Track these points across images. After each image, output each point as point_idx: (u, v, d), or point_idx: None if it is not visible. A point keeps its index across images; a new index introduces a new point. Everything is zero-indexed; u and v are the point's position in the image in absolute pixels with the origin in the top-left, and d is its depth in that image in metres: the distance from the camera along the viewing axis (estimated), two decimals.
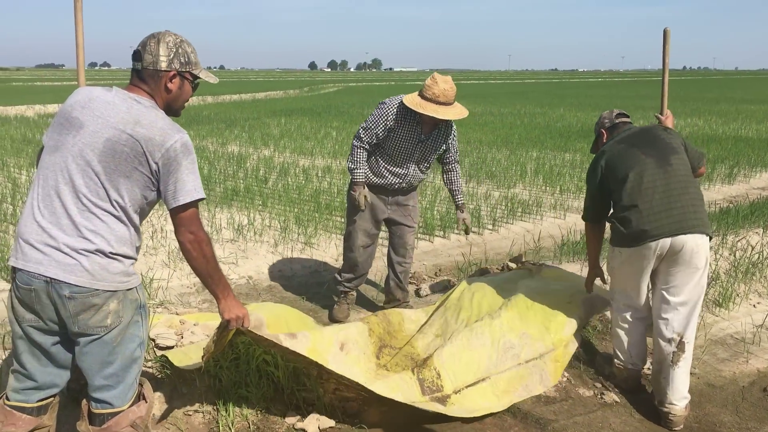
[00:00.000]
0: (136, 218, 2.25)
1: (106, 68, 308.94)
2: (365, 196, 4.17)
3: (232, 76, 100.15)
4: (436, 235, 6.56)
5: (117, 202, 2.17)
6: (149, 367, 3.32)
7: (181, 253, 2.49)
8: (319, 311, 4.62)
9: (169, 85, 2.30)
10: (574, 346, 3.63)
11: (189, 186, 2.23)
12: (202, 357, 2.76)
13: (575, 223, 7.05)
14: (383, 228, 4.52)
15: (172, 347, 3.49)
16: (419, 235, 6.50)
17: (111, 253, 2.16)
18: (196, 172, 2.26)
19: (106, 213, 2.16)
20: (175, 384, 3.24)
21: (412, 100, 3.95)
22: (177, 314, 4.12)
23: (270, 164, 10.61)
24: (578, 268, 5.01)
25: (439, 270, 5.56)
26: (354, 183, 4.21)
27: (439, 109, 3.90)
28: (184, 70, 2.32)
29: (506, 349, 3.45)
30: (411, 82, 67.12)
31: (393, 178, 4.19)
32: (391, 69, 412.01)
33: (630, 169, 3.26)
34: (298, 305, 4.71)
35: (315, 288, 5.11)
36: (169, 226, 6.11)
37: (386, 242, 4.60)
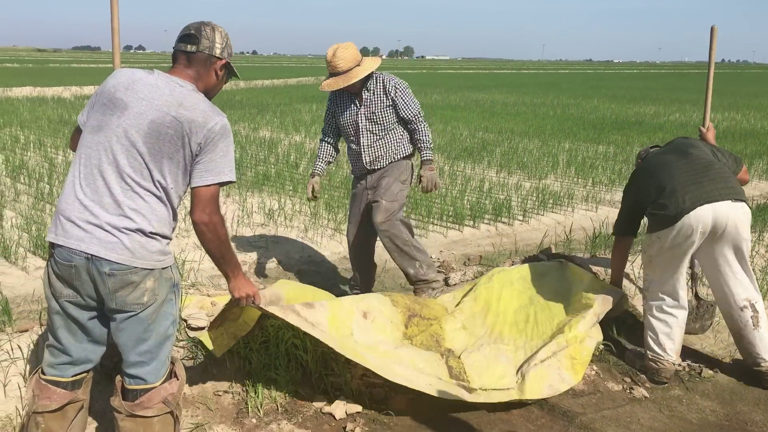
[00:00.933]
0: (175, 199, 2.30)
1: (141, 51, 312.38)
2: (312, 186, 4.34)
3: (265, 61, 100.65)
4: (466, 225, 6.53)
5: (160, 183, 2.23)
6: (181, 347, 3.37)
7: None
8: None
9: (219, 72, 2.41)
10: (591, 342, 3.57)
11: (219, 167, 2.28)
12: (207, 329, 2.79)
13: (607, 216, 6.96)
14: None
15: (203, 328, 3.54)
16: (448, 224, 6.48)
17: (151, 232, 2.20)
18: (228, 156, 2.32)
19: (148, 193, 2.21)
20: (206, 364, 3.29)
21: (323, 82, 4.12)
22: (208, 296, 4.17)
23: (301, 150, 10.67)
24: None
25: (468, 259, 5.54)
26: (311, 174, 4.43)
27: (339, 80, 4.01)
28: (229, 60, 2.44)
29: (529, 359, 3.43)
30: (443, 70, 66.74)
31: (357, 155, 4.26)
32: (423, 57, 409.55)
33: (657, 170, 3.54)
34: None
35: (343, 274, 5.14)
36: None
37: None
